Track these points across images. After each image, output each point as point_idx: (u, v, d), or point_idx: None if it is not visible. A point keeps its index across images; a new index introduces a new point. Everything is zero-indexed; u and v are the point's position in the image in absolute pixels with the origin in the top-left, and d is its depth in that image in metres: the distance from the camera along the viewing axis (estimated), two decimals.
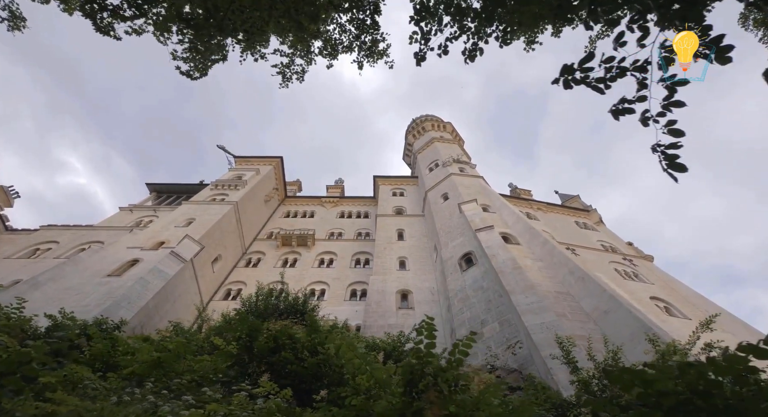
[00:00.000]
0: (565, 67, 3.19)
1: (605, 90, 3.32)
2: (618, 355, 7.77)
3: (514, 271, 15.13)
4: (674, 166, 2.92)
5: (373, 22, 4.94)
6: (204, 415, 3.81)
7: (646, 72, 3.17)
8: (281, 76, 6.00)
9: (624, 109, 3.19)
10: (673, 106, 3.03)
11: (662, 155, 2.98)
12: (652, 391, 2.61)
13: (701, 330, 8.15)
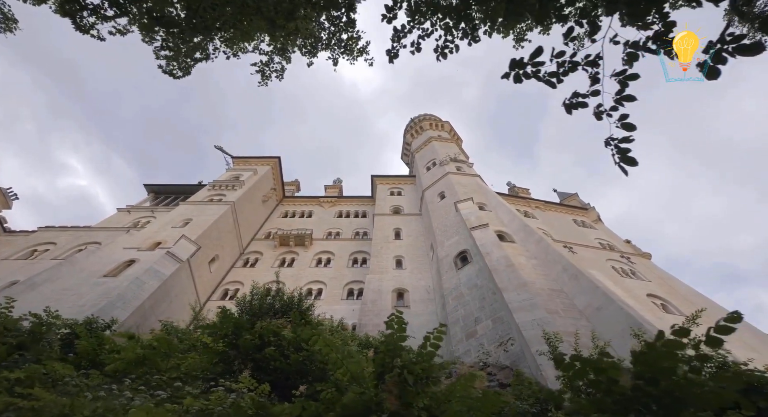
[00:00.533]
0: (513, 62, 3.22)
1: (557, 84, 3.35)
2: (606, 350, 7.80)
3: (508, 268, 15.15)
4: (626, 160, 2.96)
5: (348, 20, 4.97)
6: (178, 410, 3.86)
7: (598, 66, 3.20)
8: (260, 74, 6.04)
9: (577, 103, 3.22)
10: (624, 101, 3.07)
11: (615, 149, 3.01)
12: (604, 378, 2.64)
13: (688, 325, 8.14)
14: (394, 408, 2.86)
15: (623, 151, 2.98)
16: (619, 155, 3.00)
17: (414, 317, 19.48)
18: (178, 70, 6.18)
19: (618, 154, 3.01)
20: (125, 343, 6.45)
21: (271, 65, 6.01)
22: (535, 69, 3.26)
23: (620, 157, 2.99)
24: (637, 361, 2.58)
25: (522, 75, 3.26)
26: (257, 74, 5.99)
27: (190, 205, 29.57)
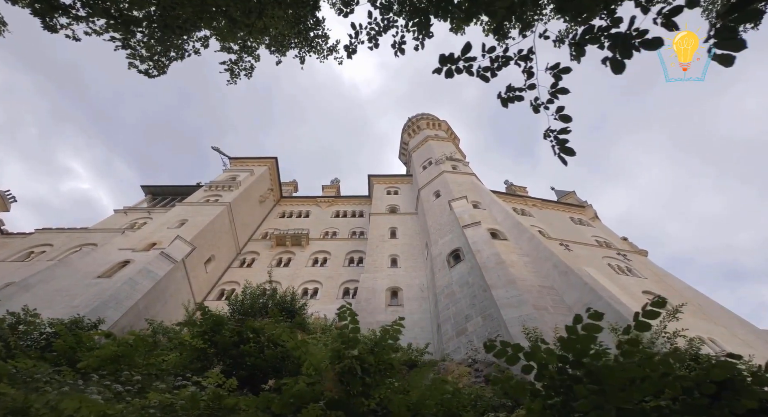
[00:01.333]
0: (443, 57, 3.25)
1: (491, 78, 3.39)
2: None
3: (498, 266, 15.19)
4: (565, 150, 3.00)
5: (314, 19, 5.01)
6: (142, 404, 3.91)
7: (531, 61, 3.24)
8: (229, 72, 6.08)
9: (513, 97, 3.25)
10: (559, 93, 3.11)
11: (555, 140, 3.05)
12: (535, 363, 2.69)
13: (668, 319, 8.19)
14: (333, 395, 2.90)
15: (562, 142, 3.02)
16: (558, 146, 3.03)
17: (407, 315, 19.51)
18: (154, 69, 6.24)
19: (557, 145, 3.04)
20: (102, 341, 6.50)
21: (240, 64, 6.06)
22: (468, 64, 3.29)
23: (559, 147, 3.03)
24: (562, 346, 2.62)
25: (454, 70, 3.30)
26: (226, 72, 6.05)
27: (186, 205, 29.66)
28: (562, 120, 3.02)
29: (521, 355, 2.77)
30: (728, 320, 22.84)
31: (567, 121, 3.00)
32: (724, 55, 2.54)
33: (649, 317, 2.90)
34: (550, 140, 3.06)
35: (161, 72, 6.34)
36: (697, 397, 2.50)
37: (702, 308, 24.20)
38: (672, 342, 7.85)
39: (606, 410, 2.41)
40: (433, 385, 3.35)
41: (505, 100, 3.17)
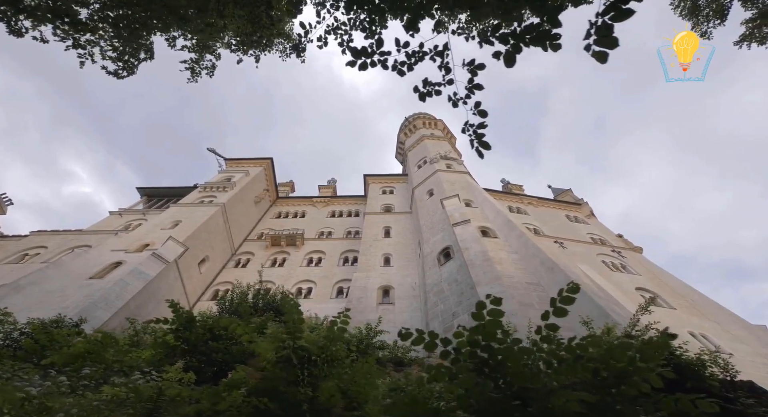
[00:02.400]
0: (355, 50, 3.30)
1: (407, 72, 3.45)
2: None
3: (484, 263, 15.24)
4: (482, 144, 3.07)
5: (269, 18, 5.05)
6: (95, 398, 3.98)
7: (446, 57, 3.29)
8: (190, 71, 6.15)
9: (432, 91, 3.31)
10: (475, 89, 3.17)
11: (473, 134, 3.12)
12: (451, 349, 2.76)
13: (640, 313, 8.23)
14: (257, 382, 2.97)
15: (479, 136, 3.09)
16: (477, 140, 3.11)
17: (398, 314, 19.60)
18: (123, 70, 6.31)
19: (476, 139, 3.11)
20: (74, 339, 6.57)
21: (201, 63, 6.13)
22: (383, 58, 3.35)
23: (477, 141, 3.10)
24: (471, 330, 2.69)
25: (369, 63, 3.35)
26: (187, 71, 6.12)
27: (180, 207, 29.76)
28: (479, 115, 3.09)
29: (438, 341, 2.83)
30: (721, 316, 22.85)
31: (484, 115, 3.07)
32: (600, 52, 2.62)
33: (565, 303, 2.96)
34: (468, 134, 3.13)
35: (131, 72, 6.40)
36: (604, 377, 2.56)
37: (695, 304, 24.22)
38: (644, 334, 7.89)
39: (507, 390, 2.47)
40: (364, 368, 3.40)
41: (423, 94, 3.22)
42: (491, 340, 2.58)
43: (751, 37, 7.73)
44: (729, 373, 6.29)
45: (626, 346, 2.57)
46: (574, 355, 2.80)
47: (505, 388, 2.51)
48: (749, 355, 19.08)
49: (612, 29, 2.51)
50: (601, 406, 2.43)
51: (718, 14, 7.56)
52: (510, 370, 2.51)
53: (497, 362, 2.54)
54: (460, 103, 3.22)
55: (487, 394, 2.53)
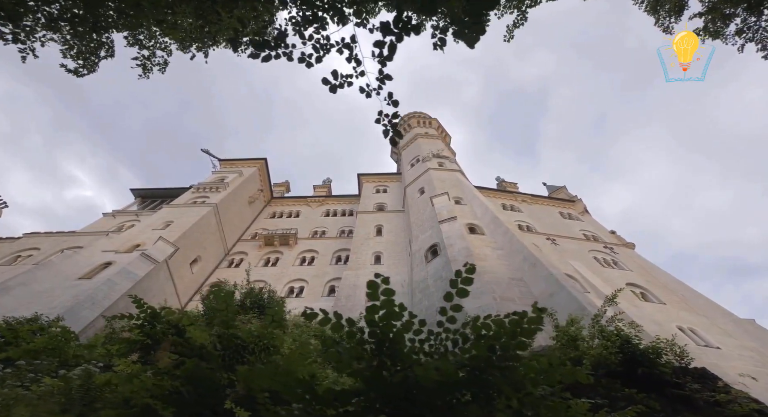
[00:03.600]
0: (257, 43, 3.37)
1: (315, 64, 3.51)
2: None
3: (466, 259, 15.29)
4: (397, 133, 3.15)
5: (215, 14, 5.11)
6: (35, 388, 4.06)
7: (351, 49, 3.36)
8: (142, 68, 6.22)
9: (344, 83, 3.38)
10: (386, 80, 3.24)
11: (388, 124, 3.19)
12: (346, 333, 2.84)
13: (607, 304, 8.29)
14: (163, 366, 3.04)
15: (394, 125, 3.17)
16: (391, 129, 3.18)
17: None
18: (83, 68, 6.39)
19: (390, 128, 3.19)
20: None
21: (152, 59, 6.20)
22: (288, 50, 3.41)
23: (392, 130, 3.18)
24: (368, 310, 2.76)
25: (273, 56, 3.41)
26: (138, 68, 6.19)
27: (173, 207, 29.88)
28: (393, 105, 3.17)
29: (344, 322, 2.91)
30: (711, 311, 22.89)
31: (396, 105, 3.15)
32: (468, 36, 2.70)
33: (465, 284, 3.04)
34: (383, 124, 3.20)
35: (91, 70, 6.49)
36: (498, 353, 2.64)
37: (686, 299, 24.25)
38: (611, 325, 7.95)
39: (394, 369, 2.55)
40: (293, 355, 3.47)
41: (334, 86, 3.27)
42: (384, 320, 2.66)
43: (705, 31, 7.81)
44: (684, 361, 6.36)
45: (514, 323, 2.64)
46: (478, 333, 2.89)
47: (390, 363, 2.59)
48: (737, 349, 19.13)
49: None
50: (472, 378, 2.52)
51: (676, 10, 7.66)
52: (399, 348, 2.60)
53: (387, 339, 2.62)
54: (373, 94, 3.29)
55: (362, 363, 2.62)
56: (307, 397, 2.29)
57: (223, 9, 4.15)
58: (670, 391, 5.57)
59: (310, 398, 2.25)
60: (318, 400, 2.27)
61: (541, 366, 2.71)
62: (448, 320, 3.11)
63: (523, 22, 9.92)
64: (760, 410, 4.90)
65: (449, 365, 2.46)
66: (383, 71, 3.24)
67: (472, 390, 2.68)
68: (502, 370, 2.64)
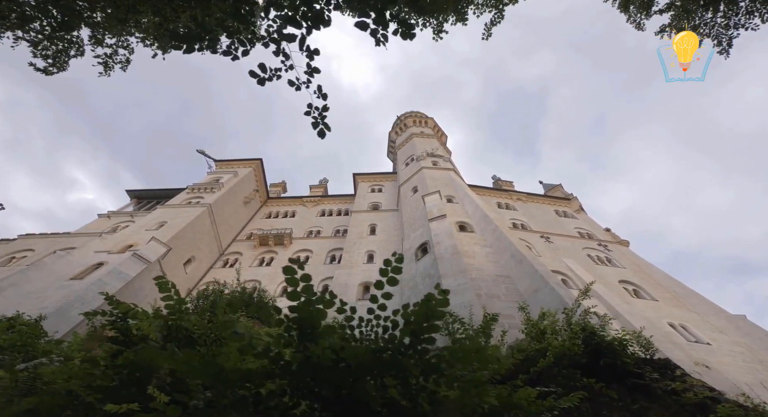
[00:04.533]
0: (180, 35, 3.43)
1: (241, 57, 3.57)
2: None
3: (453, 256, 15.34)
4: (326, 125, 3.23)
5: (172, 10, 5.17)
6: None
7: (280, 43, 3.41)
8: (104, 66, 6.28)
9: (271, 76, 3.43)
10: (315, 72, 3.30)
11: (319, 116, 3.26)
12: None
13: (581, 298, 8.32)
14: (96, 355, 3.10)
15: (323, 118, 3.24)
16: (321, 121, 3.25)
17: None
18: (53, 67, 6.46)
19: (320, 120, 3.26)
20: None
21: (114, 57, 6.26)
22: (212, 43, 3.47)
23: (322, 123, 3.25)
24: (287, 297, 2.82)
25: (197, 49, 3.47)
26: (100, 66, 6.25)
27: (167, 208, 29.97)
28: (322, 98, 3.24)
29: (271, 310, 2.96)
30: (703, 307, 22.89)
31: (325, 98, 3.22)
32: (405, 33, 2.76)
33: (395, 272, 3.10)
34: (312, 116, 3.27)
35: (61, 69, 6.56)
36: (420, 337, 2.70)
37: (678, 296, 24.24)
38: (583, 318, 7.99)
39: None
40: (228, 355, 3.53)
41: (263, 78, 3.32)
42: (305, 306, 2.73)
43: (671, 28, 7.87)
44: (649, 352, 6.40)
45: (423, 305, 2.70)
46: (407, 320, 2.96)
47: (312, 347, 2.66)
48: (727, 344, 19.13)
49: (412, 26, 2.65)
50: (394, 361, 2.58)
51: (645, 6, 7.72)
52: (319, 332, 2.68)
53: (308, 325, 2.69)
54: (303, 87, 3.35)
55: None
56: (218, 378, 2.34)
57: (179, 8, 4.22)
58: (630, 381, 5.62)
59: (218, 379, 2.30)
60: (225, 381, 2.33)
61: (457, 351, 2.78)
62: (379, 308, 3.17)
63: (500, 19, 9.97)
64: (713, 397, 4.95)
65: (360, 349, 2.52)
66: (311, 65, 3.30)
67: (391, 372, 2.74)
68: (419, 353, 2.71)
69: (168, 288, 3.94)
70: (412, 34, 3.76)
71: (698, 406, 4.89)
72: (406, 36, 3.79)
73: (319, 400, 2.48)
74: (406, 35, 3.78)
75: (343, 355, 2.46)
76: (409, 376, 2.67)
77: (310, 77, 3.33)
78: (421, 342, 2.69)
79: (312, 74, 3.32)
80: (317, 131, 3.29)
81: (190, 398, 2.49)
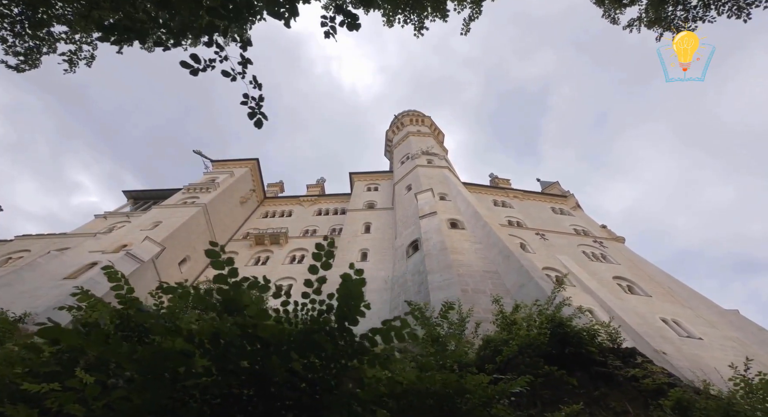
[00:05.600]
0: (104, 26, 3.47)
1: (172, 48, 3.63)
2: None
3: (440, 252, 15.38)
4: (263, 115, 3.29)
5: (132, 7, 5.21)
6: None
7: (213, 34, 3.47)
8: (68, 63, 6.34)
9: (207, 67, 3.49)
10: (248, 63, 3.36)
11: (256, 107, 3.32)
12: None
13: (557, 290, 8.35)
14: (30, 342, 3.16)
15: (260, 107, 3.31)
16: (258, 111, 3.32)
17: (370, 305, 19.77)
18: (25, 64, 6.54)
19: (258, 110, 3.32)
20: None
21: (79, 54, 6.31)
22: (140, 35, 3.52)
23: (259, 112, 3.31)
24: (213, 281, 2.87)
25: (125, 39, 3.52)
26: (65, 63, 6.30)
27: (162, 208, 30.11)
28: (258, 88, 3.31)
29: (202, 292, 3.02)
30: (696, 302, 22.88)
31: (260, 88, 3.31)
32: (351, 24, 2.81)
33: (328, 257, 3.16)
34: (248, 106, 3.34)
35: (33, 66, 6.63)
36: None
37: (672, 292, 24.22)
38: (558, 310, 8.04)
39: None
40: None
41: (196, 69, 3.36)
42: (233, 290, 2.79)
43: (639, 21, 7.90)
44: (616, 342, 6.44)
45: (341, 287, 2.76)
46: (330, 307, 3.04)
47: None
48: (719, 339, 19.11)
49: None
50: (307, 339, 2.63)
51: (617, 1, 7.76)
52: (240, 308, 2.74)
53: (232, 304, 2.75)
54: (238, 78, 3.41)
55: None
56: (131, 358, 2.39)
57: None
58: (594, 369, 5.67)
59: (131, 359, 2.35)
60: (141, 361, 2.38)
61: (387, 332, 2.85)
62: (314, 292, 3.24)
63: (478, 15, 10.03)
64: (671, 383, 4.99)
65: (277, 328, 2.57)
66: (244, 55, 3.37)
67: (315, 351, 2.80)
68: (348, 334, 2.78)
69: (117, 278, 3.99)
70: (357, 25, 3.82)
71: (655, 391, 4.93)
72: (352, 27, 3.84)
73: (233, 375, 2.53)
74: (352, 26, 3.84)
75: (260, 333, 2.51)
76: (338, 357, 2.73)
77: (245, 68, 3.39)
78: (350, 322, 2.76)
79: (246, 65, 3.38)
80: (254, 121, 3.35)
81: (108, 378, 2.55)
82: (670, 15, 7.30)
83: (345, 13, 3.79)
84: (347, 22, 3.85)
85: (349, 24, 3.84)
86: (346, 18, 3.81)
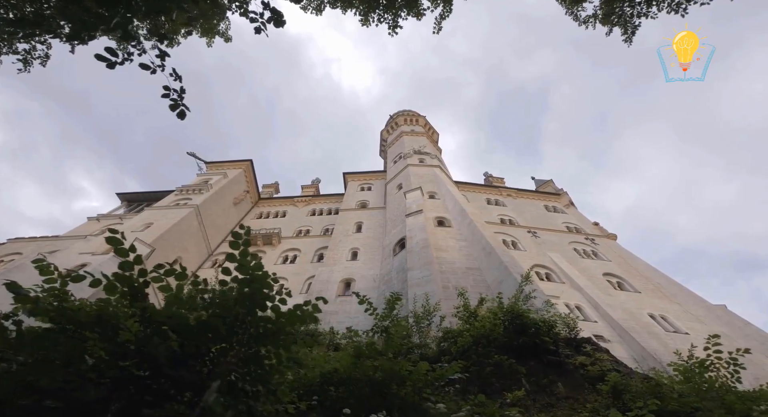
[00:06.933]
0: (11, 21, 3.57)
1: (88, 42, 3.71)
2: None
3: (422, 250, 15.44)
4: (185, 106, 3.39)
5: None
6: None
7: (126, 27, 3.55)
8: (23, 62, 6.40)
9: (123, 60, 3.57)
10: (166, 56, 3.45)
11: (178, 98, 3.41)
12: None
13: (523, 284, 8.43)
14: None
15: (181, 99, 3.40)
16: (180, 102, 3.41)
17: (356, 304, 19.78)
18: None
19: (180, 102, 3.41)
20: None
21: (33, 53, 6.37)
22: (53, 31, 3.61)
23: (181, 104, 3.41)
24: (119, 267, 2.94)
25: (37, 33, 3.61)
26: (19, 63, 6.36)
27: (154, 209, 30.20)
28: (178, 80, 3.40)
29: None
30: (684, 298, 22.94)
31: (181, 80, 3.40)
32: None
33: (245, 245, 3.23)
34: (171, 98, 3.43)
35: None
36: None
37: (660, 287, 24.29)
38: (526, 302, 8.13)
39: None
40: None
41: (113, 63, 3.42)
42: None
43: (595, 18, 7.99)
44: (573, 332, 6.51)
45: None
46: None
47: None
48: (705, 334, 19.04)
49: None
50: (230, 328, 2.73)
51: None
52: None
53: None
54: (158, 70, 3.49)
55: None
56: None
57: None
58: (546, 358, 5.73)
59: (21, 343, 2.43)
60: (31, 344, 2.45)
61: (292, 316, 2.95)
62: (233, 280, 3.33)
63: (449, 13, 10.11)
64: (615, 369, 5.06)
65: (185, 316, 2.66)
66: (161, 48, 3.45)
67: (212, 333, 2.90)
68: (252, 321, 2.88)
69: (50, 271, 4.05)
70: (282, 22, 3.91)
71: (599, 377, 5.00)
72: (278, 23, 3.93)
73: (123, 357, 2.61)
74: (279, 23, 3.92)
75: (154, 316, 2.59)
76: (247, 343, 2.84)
77: (162, 60, 3.47)
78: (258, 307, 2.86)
79: (163, 57, 3.46)
80: (177, 113, 3.44)
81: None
82: (618, 11, 7.40)
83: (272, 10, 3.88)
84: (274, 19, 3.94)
85: (276, 21, 3.93)
86: (273, 15, 3.91)
